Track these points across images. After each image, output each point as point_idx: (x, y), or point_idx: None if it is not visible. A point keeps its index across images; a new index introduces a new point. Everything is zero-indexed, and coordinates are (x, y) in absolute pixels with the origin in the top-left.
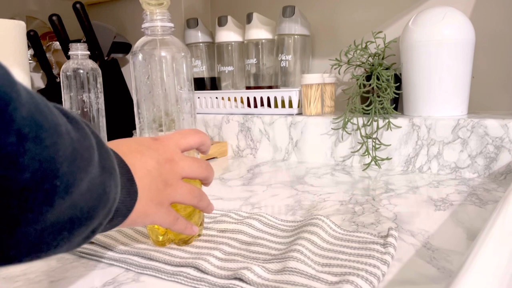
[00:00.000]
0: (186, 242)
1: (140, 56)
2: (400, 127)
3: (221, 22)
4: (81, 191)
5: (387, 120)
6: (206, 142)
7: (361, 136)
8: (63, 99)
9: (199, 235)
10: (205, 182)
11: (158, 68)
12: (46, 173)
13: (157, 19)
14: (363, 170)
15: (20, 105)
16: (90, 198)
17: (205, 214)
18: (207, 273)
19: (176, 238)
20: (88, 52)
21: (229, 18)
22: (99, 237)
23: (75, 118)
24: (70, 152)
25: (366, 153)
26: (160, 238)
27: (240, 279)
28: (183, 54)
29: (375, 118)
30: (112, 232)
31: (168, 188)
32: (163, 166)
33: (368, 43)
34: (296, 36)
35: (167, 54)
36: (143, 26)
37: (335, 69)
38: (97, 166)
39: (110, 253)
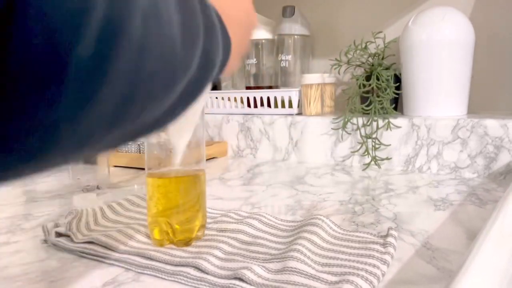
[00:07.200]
0: (186, 244)
1: None
2: (400, 127)
3: None
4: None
5: (386, 120)
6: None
7: (361, 136)
8: None
9: (199, 238)
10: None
11: None
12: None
13: None
14: (363, 170)
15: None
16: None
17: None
18: (207, 273)
19: (175, 238)
20: None
21: None
22: (99, 237)
23: None
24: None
25: (366, 153)
26: (163, 236)
27: (240, 279)
28: None
29: (375, 118)
30: (112, 232)
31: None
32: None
33: (368, 43)
34: (296, 36)
35: None
36: None
37: (335, 69)
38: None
39: (110, 253)
